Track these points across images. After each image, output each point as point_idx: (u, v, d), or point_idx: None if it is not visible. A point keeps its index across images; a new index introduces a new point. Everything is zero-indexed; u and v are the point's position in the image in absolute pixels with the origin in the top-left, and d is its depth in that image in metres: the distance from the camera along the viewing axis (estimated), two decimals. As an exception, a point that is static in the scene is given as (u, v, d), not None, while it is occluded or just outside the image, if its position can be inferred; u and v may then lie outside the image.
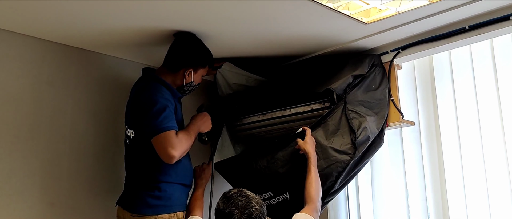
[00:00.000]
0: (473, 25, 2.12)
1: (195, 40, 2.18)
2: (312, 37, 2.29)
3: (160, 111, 1.97)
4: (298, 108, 2.41)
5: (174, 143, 1.95)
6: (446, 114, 2.41)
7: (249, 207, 1.67)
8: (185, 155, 2.14)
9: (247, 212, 1.66)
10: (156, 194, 2.04)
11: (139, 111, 2.05)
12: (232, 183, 2.46)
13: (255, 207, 1.68)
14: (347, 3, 1.97)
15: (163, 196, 2.05)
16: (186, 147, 2.02)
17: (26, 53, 2.16)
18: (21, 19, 2.00)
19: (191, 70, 2.14)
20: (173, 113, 2.03)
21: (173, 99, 2.08)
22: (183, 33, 2.16)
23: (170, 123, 1.98)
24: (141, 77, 2.20)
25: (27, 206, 2.07)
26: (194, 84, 2.18)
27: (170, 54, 2.17)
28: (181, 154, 1.98)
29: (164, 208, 2.04)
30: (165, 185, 2.06)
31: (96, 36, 2.18)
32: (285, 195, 2.23)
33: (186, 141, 2.03)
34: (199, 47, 2.18)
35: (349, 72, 2.34)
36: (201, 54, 2.18)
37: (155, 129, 1.96)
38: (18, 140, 2.08)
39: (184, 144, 2.00)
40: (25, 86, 2.14)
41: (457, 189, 2.33)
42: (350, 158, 2.12)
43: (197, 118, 2.20)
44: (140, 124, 2.06)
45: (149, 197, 2.04)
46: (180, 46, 2.14)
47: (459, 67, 2.39)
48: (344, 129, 2.18)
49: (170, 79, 2.14)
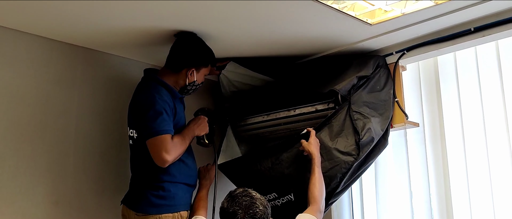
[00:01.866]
0: (478, 27, 2.11)
1: (196, 39, 2.18)
2: (317, 38, 2.29)
3: (157, 114, 1.98)
4: (302, 109, 2.41)
5: (169, 147, 1.96)
6: (450, 116, 2.40)
7: (253, 207, 1.68)
8: (189, 156, 2.16)
9: (250, 213, 1.67)
10: (160, 193, 2.05)
11: (136, 113, 2.07)
12: (237, 184, 2.47)
13: (259, 208, 1.69)
14: (352, 4, 1.97)
15: (167, 196, 2.06)
16: (180, 152, 2.03)
17: (33, 53, 2.17)
18: (28, 18, 2.01)
19: (194, 69, 2.14)
20: (170, 116, 2.03)
21: (172, 101, 2.08)
22: (184, 33, 2.16)
23: (166, 126, 1.98)
24: (142, 78, 2.21)
25: (32, 205, 2.09)
26: (197, 83, 2.19)
27: (172, 54, 2.17)
28: (174, 158, 2.00)
29: (168, 208, 2.05)
30: (169, 185, 2.07)
31: (102, 35, 2.19)
32: (289, 196, 2.23)
33: (181, 146, 2.04)
34: (200, 46, 2.18)
35: (353, 73, 2.34)
36: (203, 53, 2.18)
37: (150, 132, 1.97)
38: (24, 138, 2.10)
39: (178, 149, 2.01)
40: (31, 85, 2.15)
41: (462, 191, 2.32)
42: (354, 159, 2.12)
43: (192, 122, 2.21)
44: (138, 125, 2.08)
45: (153, 197, 2.05)
46: (181, 46, 2.15)
47: (464, 69, 2.38)
48: (348, 130, 2.18)
49: (172, 80, 2.14)
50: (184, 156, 2.10)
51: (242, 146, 2.70)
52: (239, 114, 2.67)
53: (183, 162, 2.10)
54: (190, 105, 2.44)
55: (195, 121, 2.21)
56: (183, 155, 2.09)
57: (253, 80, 2.69)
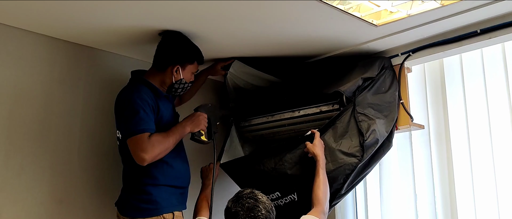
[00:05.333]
0: (484, 28, 2.10)
1: (181, 37, 2.17)
2: (321, 38, 2.29)
3: (134, 113, 1.96)
4: (307, 110, 2.41)
5: (145, 146, 1.92)
6: (456, 118, 2.39)
7: (255, 210, 1.68)
8: (177, 157, 2.12)
9: (251, 215, 1.67)
10: (142, 197, 2.03)
11: (116, 113, 2.08)
12: (239, 183, 2.47)
13: (261, 212, 1.68)
14: (357, 5, 1.97)
15: (149, 200, 2.03)
16: (159, 151, 1.96)
17: (37, 52, 2.18)
18: (33, 18, 2.02)
19: (178, 66, 2.12)
20: (150, 115, 2.00)
21: (154, 99, 2.06)
22: (169, 32, 2.16)
23: (144, 125, 1.95)
24: (129, 80, 2.20)
25: (36, 203, 2.09)
26: (184, 81, 2.15)
27: (157, 53, 2.17)
28: (153, 157, 1.95)
29: (151, 211, 2.02)
30: (151, 188, 2.03)
31: (106, 35, 2.20)
32: (293, 196, 2.22)
33: (159, 144, 1.97)
34: (184, 43, 2.17)
35: (359, 74, 2.33)
36: (186, 50, 2.16)
37: (128, 131, 1.96)
38: (29, 137, 2.10)
39: (156, 147, 1.95)
40: (36, 84, 2.16)
41: (467, 194, 2.31)
42: (358, 161, 2.11)
43: (186, 118, 2.17)
44: (119, 126, 2.08)
45: (136, 201, 2.04)
46: (165, 44, 2.14)
47: (470, 71, 2.37)
48: (353, 131, 2.17)
49: (158, 79, 2.13)
50: (169, 157, 2.06)
51: (246, 147, 2.70)
52: (244, 114, 2.67)
53: (166, 163, 2.06)
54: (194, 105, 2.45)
55: (189, 117, 2.17)
56: (168, 156, 2.04)
57: (258, 80, 2.68)
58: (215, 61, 2.54)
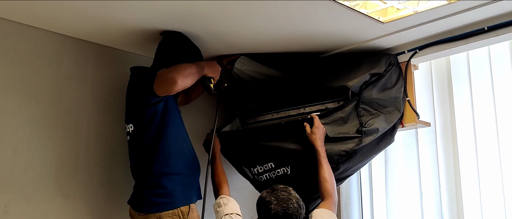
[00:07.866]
0: (492, 26, 2.09)
1: (182, 37, 2.18)
2: (328, 35, 2.29)
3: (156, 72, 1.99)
4: (312, 107, 2.40)
5: (173, 69, 1.95)
6: (462, 116, 2.38)
7: (288, 202, 1.80)
8: (183, 142, 2.14)
9: (284, 206, 1.79)
10: (157, 192, 2.05)
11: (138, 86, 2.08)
12: (231, 156, 2.48)
13: (293, 205, 1.81)
14: (364, 2, 1.96)
15: (164, 193, 2.04)
16: (187, 72, 1.98)
17: (45, 48, 2.19)
18: (41, 14, 2.03)
19: None
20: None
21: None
22: (170, 33, 2.17)
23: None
24: (130, 76, 2.23)
25: (43, 198, 2.11)
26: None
27: (157, 53, 2.19)
28: (183, 78, 1.94)
29: (166, 205, 2.04)
30: (165, 181, 2.05)
31: (113, 32, 2.21)
32: (286, 168, 2.25)
33: (186, 66, 1.99)
34: (184, 44, 2.19)
35: (366, 70, 2.32)
36: (186, 50, 2.19)
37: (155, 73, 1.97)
38: (36, 133, 2.12)
39: (183, 70, 1.97)
40: (44, 80, 2.17)
41: (473, 192, 2.30)
42: (355, 145, 2.11)
43: (205, 62, 2.19)
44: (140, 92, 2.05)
45: (151, 195, 2.05)
46: (165, 45, 2.17)
47: (477, 68, 2.36)
48: (353, 121, 2.20)
49: None
50: (177, 145, 2.09)
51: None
52: (250, 112, 2.67)
53: (177, 150, 2.09)
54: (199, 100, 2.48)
55: (208, 62, 2.19)
56: (177, 143, 2.08)
57: (264, 76, 2.68)
58: (221, 57, 2.55)
